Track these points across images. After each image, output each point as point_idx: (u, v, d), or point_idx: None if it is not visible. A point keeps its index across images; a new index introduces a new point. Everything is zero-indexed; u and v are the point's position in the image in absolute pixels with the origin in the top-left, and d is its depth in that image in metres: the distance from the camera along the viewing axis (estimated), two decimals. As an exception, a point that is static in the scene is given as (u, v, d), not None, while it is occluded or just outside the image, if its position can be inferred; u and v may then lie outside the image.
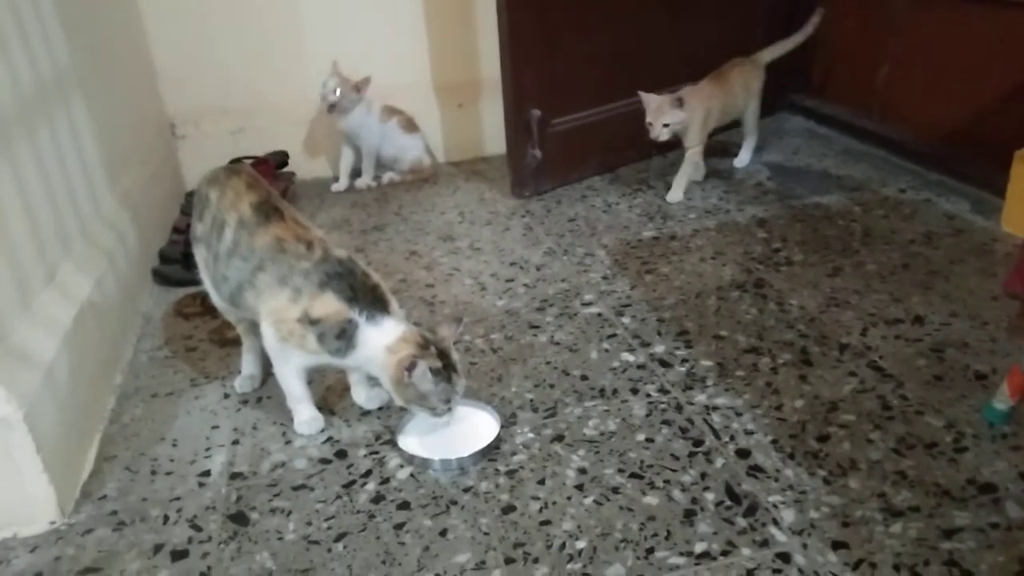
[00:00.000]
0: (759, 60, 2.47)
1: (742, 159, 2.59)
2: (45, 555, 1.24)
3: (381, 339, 1.34)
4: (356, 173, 2.72)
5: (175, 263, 2.10)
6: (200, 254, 1.51)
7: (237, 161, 2.34)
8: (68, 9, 1.81)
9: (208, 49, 2.61)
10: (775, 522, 1.19)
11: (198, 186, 1.53)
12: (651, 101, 2.24)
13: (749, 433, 1.38)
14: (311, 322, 1.34)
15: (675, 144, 2.36)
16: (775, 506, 1.22)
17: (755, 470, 1.30)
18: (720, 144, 2.68)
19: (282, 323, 1.36)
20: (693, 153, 2.37)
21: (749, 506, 1.22)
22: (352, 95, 2.52)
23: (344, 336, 1.34)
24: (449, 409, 1.37)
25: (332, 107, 2.53)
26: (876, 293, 1.79)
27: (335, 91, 2.50)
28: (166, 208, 2.41)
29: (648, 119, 2.25)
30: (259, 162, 2.50)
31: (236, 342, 1.65)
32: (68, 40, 1.79)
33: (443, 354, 1.35)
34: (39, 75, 1.62)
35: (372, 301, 1.35)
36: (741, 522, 1.20)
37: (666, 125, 2.23)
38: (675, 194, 2.36)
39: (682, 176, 2.38)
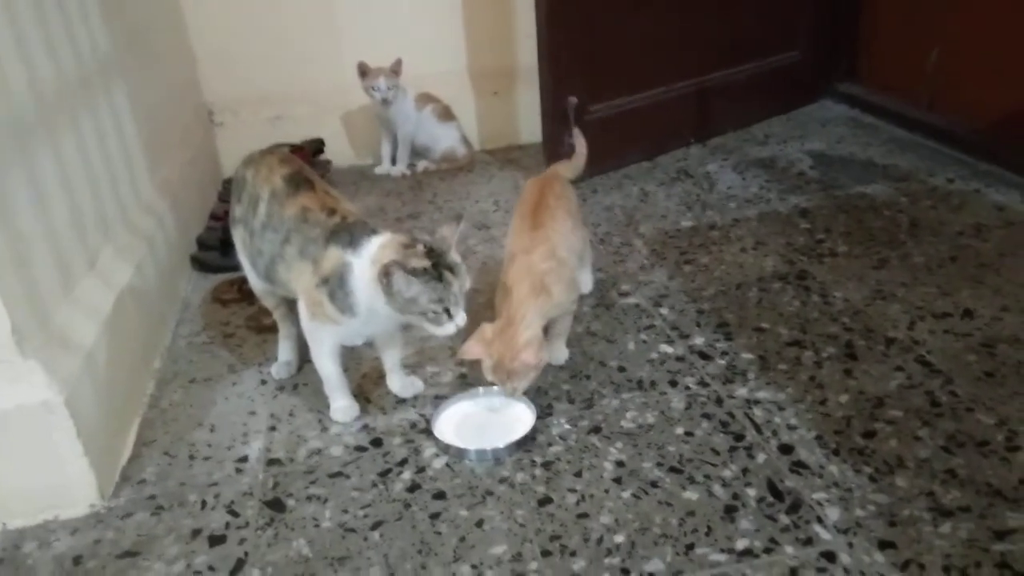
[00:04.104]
0: (564, 175, 1.77)
1: (584, 283, 1.82)
2: (85, 538, 1.25)
3: (367, 258, 1.28)
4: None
5: (212, 250, 2.12)
6: (239, 235, 1.52)
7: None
8: (108, -5, 1.82)
9: (246, 36, 2.62)
10: (819, 520, 1.16)
11: (235, 171, 1.53)
12: (491, 367, 1.40)
13: (792, 428, 1.35)
14: (324, 282, 1.32)
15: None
16: (819, 503, 1.19)
17: (798, 466, 1.27)
18: (759, 133, 2.63)
19: (308, 297, 1.36)
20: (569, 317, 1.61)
21: (792, 503, 1.19)
22: (396, 81, 2.54)
23: (344, 285, 1.29)
24: (449, 315, 1.27)
25: (387, 101, 2.55)
26: (923, 286, 1.74)
27: (388, 88, 2.52)
28: (204, 195, 2.42)
29: (492, 377, 1.42)
30: (295, 149, 2.50)
31: (273, 329, 1.65)
32: (108, 25, 1.79)
33: (433, 253, 1.26)
34: (81, 60, 1.63)
35: (362, 234, 1.29)
36: (784, 519, 1.17)
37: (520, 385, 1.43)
38: (561, 353, 1.61)
39: (562, 331, 1.61)
